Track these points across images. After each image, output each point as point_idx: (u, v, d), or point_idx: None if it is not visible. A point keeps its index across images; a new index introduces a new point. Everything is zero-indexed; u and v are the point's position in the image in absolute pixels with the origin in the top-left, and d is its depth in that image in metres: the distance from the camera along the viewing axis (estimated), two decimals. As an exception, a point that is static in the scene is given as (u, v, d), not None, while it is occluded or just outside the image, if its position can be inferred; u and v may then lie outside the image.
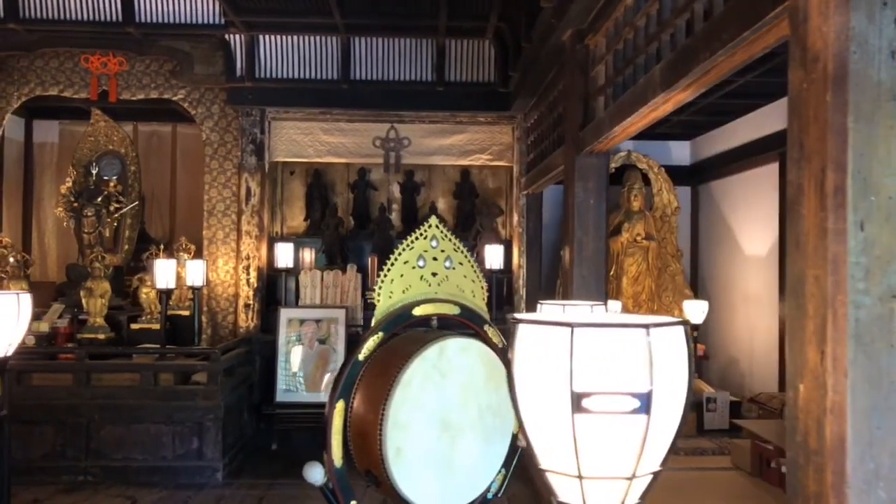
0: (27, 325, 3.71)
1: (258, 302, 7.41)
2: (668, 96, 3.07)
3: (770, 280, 8.00)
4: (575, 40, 4.70)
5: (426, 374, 2.81)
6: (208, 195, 7.67)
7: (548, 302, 3.82)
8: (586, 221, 4.68)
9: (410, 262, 3.06)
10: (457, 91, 7.40)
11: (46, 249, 8.99)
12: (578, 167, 4.67)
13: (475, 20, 6.78)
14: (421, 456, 2.77)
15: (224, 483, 5.91)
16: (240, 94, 7.26)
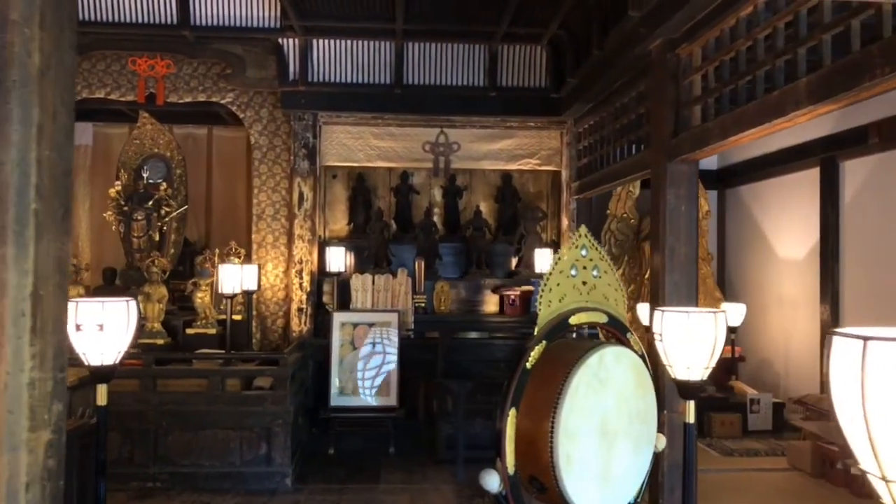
0: (134, 332, 3.71)
1: (311, 306, 7.39)
2: (813, 109, 3.14)
3: (809, 283, 8.14)
4: (665, 49, 4.76)
5: (588, 381, 2.84)
6: (257, 199, 7.64)
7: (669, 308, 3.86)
8: (678, 227, 4.74)
9: (565, 272, 3.10)
10: (508, 96, 7.45)
11: (80, 253, 8.89)
12: (670, 174, 4.73)
13: (533, 27, 6.83)
14: (586, 463, 2.81)
15: (294, 489, 5.90)
16: (293, 99, 7.25)
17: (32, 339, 1.59)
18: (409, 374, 7.17)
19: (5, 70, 1.56)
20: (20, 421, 1.57)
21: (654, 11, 4.69)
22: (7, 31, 1.56)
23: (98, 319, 3.93)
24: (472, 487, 5.99)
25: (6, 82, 1.56)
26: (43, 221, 1.61)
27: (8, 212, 1.56)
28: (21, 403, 1.57)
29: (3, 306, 1.55)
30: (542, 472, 2.86)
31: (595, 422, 2.85)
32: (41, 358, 1.61)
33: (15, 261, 1.56)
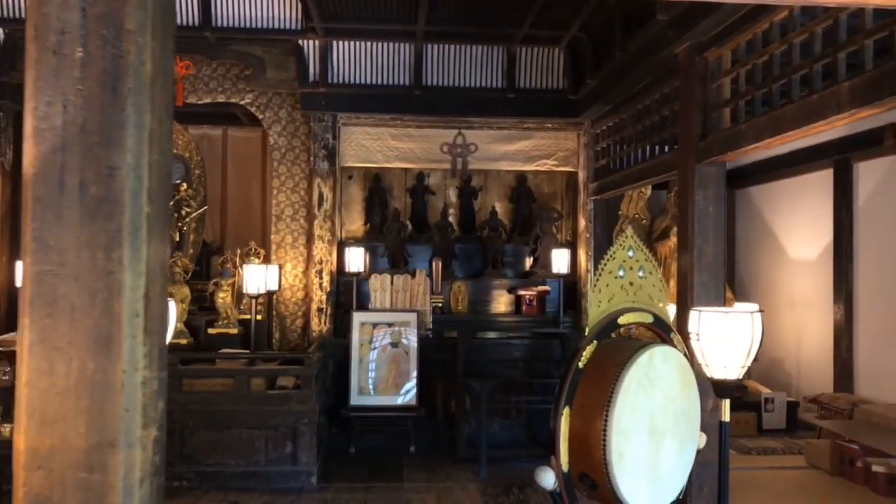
0: (173, 329, 3.75)
1: (331, 306, 7.44)
2: (856, 113, 3.20)
3: (822, 283, 8.21)
4: (692, 52, 4.82)
5: (639, 380, 2.89)
6: (276, 200, 7.68)
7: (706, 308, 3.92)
8: (706, 228, 4.80)
9: (613, 273, 3.15)
10: (526, 98, 7.50)
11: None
12: (698, 175, 4.79)
13: (553, 29, 6.88)
14: (637, 461, 2.87)
15: (320, 487, 5.95)
16: (313, 100, 7.29)
17: (144, 338, 1.64)
18: (428, 373, 7.22)
19: (122, 78, 1.60)
20: (135, 418, 1.62)
21: (682, 15, 4.75)
22: (123, 40, 1.60)
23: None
24: (495, 486, 6.05)
25: (122, 90, 1.61)
26: (153, 225, 1.66)
27: (124, 215, 1.60)
28: (136, 401, 1.62)
29: (119, 306, 1.60)
30: (594, 470, 2.91)
31: (645, 420, 2.90)
32: (150, 357, 1.66)
33: (130, 263, 1.61)
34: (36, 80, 1.60)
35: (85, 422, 1.59)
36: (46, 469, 1.58)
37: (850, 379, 7.64)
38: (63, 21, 1.60)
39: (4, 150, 7.15)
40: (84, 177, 1.60)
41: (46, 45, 1.60)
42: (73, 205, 1.59)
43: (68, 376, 1.59)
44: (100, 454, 1.59)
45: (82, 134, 1.60)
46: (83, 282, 1.59)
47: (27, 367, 1.59)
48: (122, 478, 1.60)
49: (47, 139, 1.60)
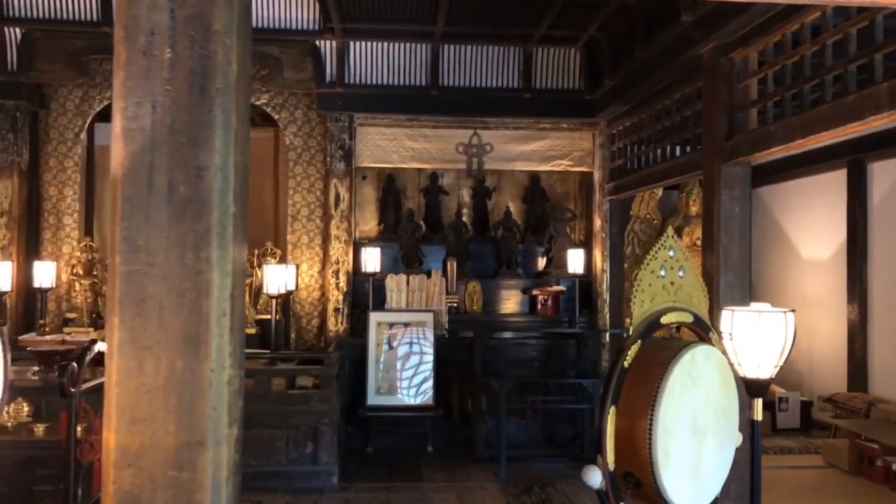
0: None
1: (348, 306, 7.45)
2: (894, 113, 3.22)
3: (835, 283, 8.24)
4: (718, 53, 4.84)
5: (683, 380, 2.91)
6: (292, 200, 7.69)
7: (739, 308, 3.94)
8: (732, 229, 4.83)
9: (655, 272, 3.16)
10: (542, 98, 7.51)
11: (108, 254, 8.91)
12: (724, 175, 4.81)
13: (571, 30, 6.90)
14: (681, 460, 2.88)
15: (341, 487, 5.95)
16: (330, 100, 7.30)
17: (230, 338, 1.65)
18: (443, 373, 7.23)
19: (210, 78, 1.61)
20: (222, 417, 1.63)
21: (708, 16, 4.76)
22: (211, 41, 1.61)
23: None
24: (516, 486, 6.06)
25: (210, 90, 1.62)
26: (237, 225, 1.67)
27: (212, 215, 1.61)
28: (223, 400, 1.63)
29: (207, 306, 1.61)
30: (639, 468, 2.92)
31: (688, 419, 2.92)
32: (234, 356, 1.67)
33: (218, 262, 1.62)
34: (125, 80, 1.61)
35: (174, 420, 1.60)
36: (136, 467, 1.60)
37: (865, 378, 7.66)
38: (152, 22, 1.61)
39: (21, 151, 7.14)
40: (173, 177, 1.61)
41: (136, 46, 1.61)
42: (161, 205, 1.61)
43: (157, 375, 1.60)
44: (189, 453, 1.60)
45: (171, 134, 1.61)
46: (172, 281, 1.60)
47: (117, 366, 1.60)
48: (211, 476, 1.62)
49: (136, 139, 1.61)
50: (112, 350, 1.60)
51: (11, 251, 7.04)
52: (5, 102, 7.07)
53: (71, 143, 7.52)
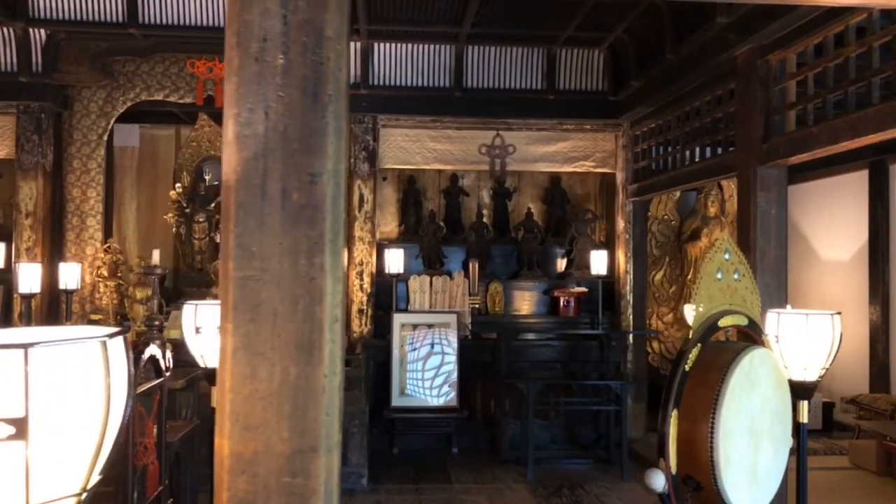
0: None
1: (371, 307, 7.44)
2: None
3: (856, 285, 8.24)
4: (754, 55, 4.84)
5: (741, 382, 2.91)
6: (315, 201, 7.67)
7: (786, 311, 3.94)
8: (768, 230, 4.83)
9: (713, 275, 3.17)
10: (565, 99, 7.52)
11: (128, 254, 8.91)
12: (761, 177, 4.81)
13: (596, 31, 6.90)
14: (740, 463, 2.89)
15: (370, 488, 5.95)
16: (354, 101, 7.29)
17: (340, 344, 1.65)
18: (466, 374, 7.23)
19: (322, 84, 1.61)
20: (333, 423, 1.63)
21: (745, 19, 4.77)
22: (323, 47, 1.61)
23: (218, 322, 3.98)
24: (545, 487, 6.06)
25: (322, 96, 1.62)
26: (344, 231, 1.67)
27: (325, 221, 1.61)
28: (334, 406, 1.63)
29: (321, 312, 1.61)
30: (699, 472, 2.92)
31: (746, 422, 2.92)
32: (342, 362, 1.67)
33: (331, 269, 1.62)
34: (238, 86, 1.61)
35: (288, 427, 1.60)
36: (250, 474, 1.59)
37: (887, 379, 7.67)
38: (265, 28, 1.61)
39: (45, 152, 7.14)
40: (286, 183, 1.61)
41: (249, 52, 1.61)
42: (274, 211, 1.60)
43: (271, 381, 1.60)
44: (302, 459, 1.60)
45: (283, 140, 1.61)
46: (285, 288, 1.60)
47: (231, 372, 1.60)
48: (324, 482, 1.61)
49: (249, 146, 1.61)
50: (226, 356, 1.60)
51: (36, 252, 7.03)
52: (30, 104, 7.07)
53: (94, 144, 7.52)
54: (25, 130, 7.08)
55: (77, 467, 1.36)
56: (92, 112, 7.49)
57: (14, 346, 1.24)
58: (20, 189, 7.08)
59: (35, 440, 1.24)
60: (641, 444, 7.08)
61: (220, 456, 1.60)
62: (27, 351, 1.23)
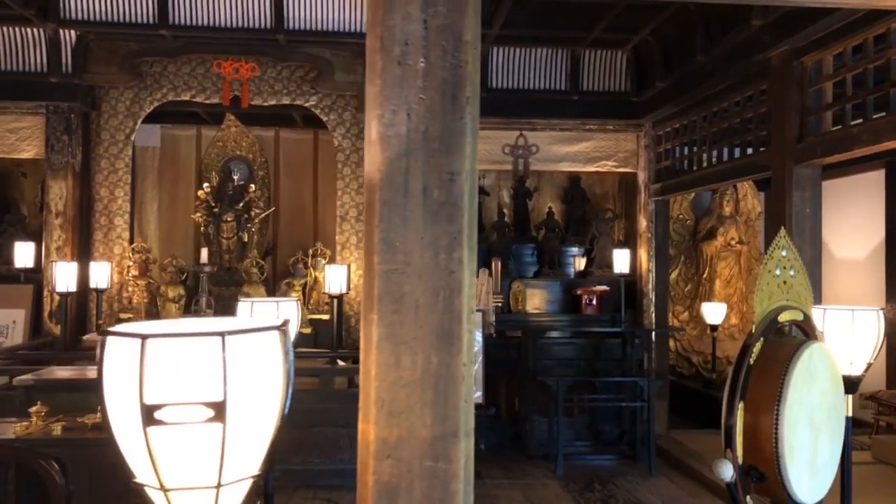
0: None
1: (398, 306, 7.50)
2: None
3: (872, 283, 8.36)
4: (790, 56, 4.94)
5: (802, 375, 3.00)
6: (340, 201, 7.76)
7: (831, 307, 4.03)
8: (803, 229, 4.93)
9: (772, 272, 3.26)
10: (589, 100, 7.61)
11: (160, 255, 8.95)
12: (796, 177, 4.91)
13: (622, 33, 6.99)
14: (802, 454, 2.98)
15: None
16: (381, 102, 7.35)
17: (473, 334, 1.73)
18: (491, 372, 7.29)
19: (460, 87, 1.69)
20: (469, 409, 1.71)
21: (781, 20, 4.86)
22: (462, 50, 1.69)
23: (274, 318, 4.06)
24: (575, 482, 6.15)
25: (460, 98, 1.69)
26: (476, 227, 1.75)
27: (463, 217, 1.69)
28: (471, 393, 1.71)
29: (459, 303, 1.69)
30: (763, 463, 3.01)
31: (806, 414, 3.01)
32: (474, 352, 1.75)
33: (468, 262, 1.70)
34: (382, 89, 1.69)
35: (430, 413, 1.67)
36: (395, 458, 1.67)
37: (905, 376, 7.80)
38: (406, 33, 1.69)
39: (75, 152, 7.19)
40: (427, 181, 1.68)
41: (391, 56, 1.69)
42: (416, 208, 1.68)
43: (413, 369, 1.67)
44: (444, 444, 1.68)
45: (425, 141, 1.68)
46: (427, 280, 1.68)
47: (376, 360, 1.67)
48: (463, 466, 1.70)
49: (393, 145, 1.68)
50: (370, 345, 1.68)
51: (66, 252, 7.08)
52: (60, 104, 7.12)
53: (122, 144, 7.57)
54: (55, 131, 7.14)
55: (258, 450, 1.44)
56: (119, 112, 7.54)
57: (212, 333, 1.31)
58: (50, 189, 7.13)
59: (231, 423, 1.32)
60: (665, 441, 7.17)
61: (365, 441, 1.68)
62: (224, 338, 1.31)
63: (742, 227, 9.83)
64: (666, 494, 5.87)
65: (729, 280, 9.57)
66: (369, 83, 1.71)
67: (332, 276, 6.32)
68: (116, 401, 1.33)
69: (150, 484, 1.35)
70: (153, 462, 1.30)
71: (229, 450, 1.33)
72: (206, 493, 1.35)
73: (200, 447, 1.31)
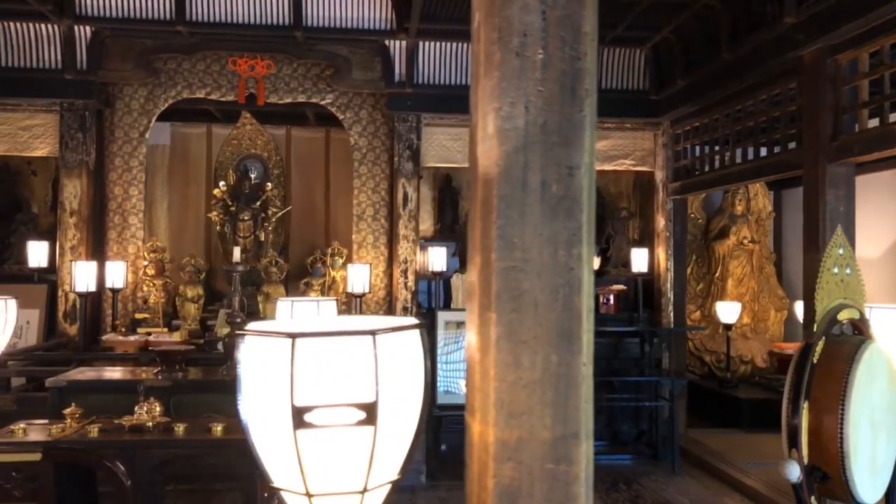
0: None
1: (416, 305, 7.47)
2: None
3: (886, 282, 8.37)
4: (823, 54, 4.92)
5: (864, 375, 2.99)
6: (357, 200, 7.70)
7: (877, 305, 4.02)
8: (836, 227, 4.90)
9: (831, 270, 3.25)
10: (607, 98, 7.55)
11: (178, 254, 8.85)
12: (830, 175, 4.90)
13: (642, 31, 6.97)
14: (864, 453, 2.96)
15: (429, 485, 5.99)
16: (399, 100, 7.32)
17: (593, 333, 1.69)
18: (510, 371, 7.26)
19: (579, 80, 1.65)
20: (590, 410, 1.66)
21: (816, 18, 4.84)
22: (581, 42, 1.65)
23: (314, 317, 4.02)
24: (602, 482, 6.12)
25: (579, 91, 1.65)
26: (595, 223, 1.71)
27: (582, 213, 1.65)
28: (590, 394, 1.67)
29: (579, 302, 1.64)
30: (827, 462, 2.99)
31: (868, 414, 2.99)
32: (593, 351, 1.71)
33: (587, 259, 1.65)
34: (500, 81, 1.64)
35: (550, 414, 1.63)
36: (515, 461, 1.62)
37: (920, 375, 7.80)
38: (525, 24, 1.64)
39: (89, 150, 7.10)
40: (545, 175, 1.64)
41: (510, 47, 1.64)
42: (535, 203, 1.63)
43: (533, 369, 1.63)
44: (565, 446, 1.64)
45: (543, 134, 1.64)
46: (545, 278, 1.63)
47: (495, 360, 1.63)
48: (584, 468, 1.65)
49: (511, 139, 1.63)
50: (488, 345, 1.63)
51: (81, 251, 6.99)
52: (74, 101, 7.03)
53: (136, 142, 7.49)
54: (69, 128, 7.04)
55: (401, 453, 1.39)
56: (133, 110, 7.46)
57: (363, 332, 1.27)
58: (64, 187, 7.04)
59: (381, 425, 1.27)
60: (685, 440, 7.16)
61: (484, 443, 1.63)
62: (375, 337, 1.26)
63: (753, 225, 9.83)
64: (693, 493, 5.85)
65: (741, 279, 9.57)
66: (485, 76, 1.66)
67: (355, 276, 6.26)
68: (260, 402, 1.28)
69: (292, 489, 1.30)
70: (301, 466, 1.25)
71: (378, 452, 1.28)
72: (352, 499, 1.31)
73: (349, 450, 1.27)
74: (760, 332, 9.72)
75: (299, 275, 7.84)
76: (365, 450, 1.27)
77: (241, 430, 3.72)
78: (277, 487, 1.33)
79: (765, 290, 9.88)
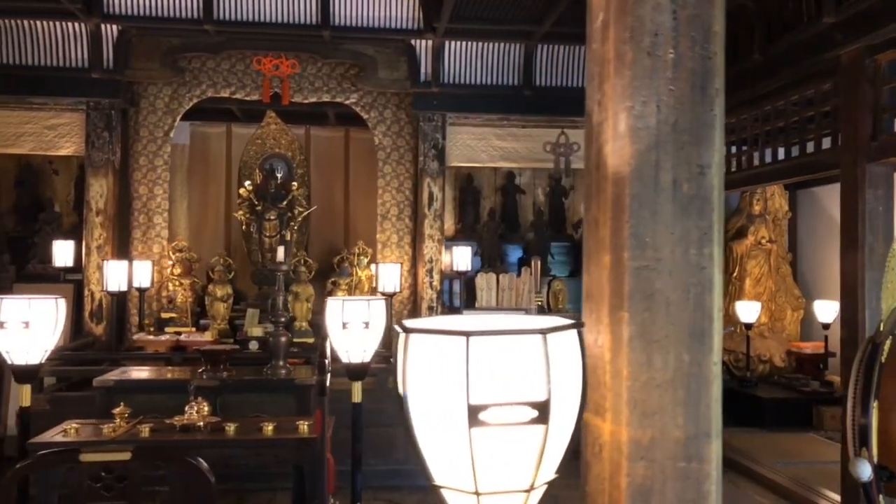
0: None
1: (441, 304, 7.47)
2: None
3: (906, 281, 8.36)
4: (862, 55, 4.93)
5: (930, 374, 2.99)
6: (381, 199, 7.69)
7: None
8: (876, 227, 4.92)
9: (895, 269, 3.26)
10: (631, 98, 7.60)
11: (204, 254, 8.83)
12: (869, 175, 4.91)
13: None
14: (928, 451, 2.96)
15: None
16: (424, 100, 7.31)
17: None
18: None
19: (710, 78, 1.65)
20: (719, 409, 1.67)
21: (856, 18, 4.85)
22: (711, 42, 1.65)
23: (365, 317, 4.03)
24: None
25: (709, 90, 1.66)
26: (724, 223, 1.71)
27: (713, 212, 1.65)
28: (720, 392, 1.67)
29: (710, 301, 1.65)
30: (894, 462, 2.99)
31: (933, 412, 3.00)
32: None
33: (718, 259, 1.66)
34: (632, 80, 1.65)
35: (682, 413, 1.64)
36: (648, 459, 1.63)
37: (942, 374, 7.82)
38: (656, 24, 1.65)
39: (115, 149, 7.08)
40: (676, 174, 1.64)
41: (641, 47, 1.65)
42: (666, 202, 1.64)
43: (665, 369, 1.64)
44: (697, 444, 1.64)
45: (674, 133, 1.65)
46: (677, 277, 1.64)
47: (627, 359, 1.63)
48: (716, 466, 1.66)
49: (642, 138, 1.64)
50: (620, 344, 1.64)
51: (107, 250, 6.97)
52: (101, 100, 7.01)
53: (161, 141, 7.47)
54: (96, 127, 7.02)
55: (561, 451, 1.39)
56: (158, 109, 7.44)
57: (533, 331, 1.26)
58: (90, 186, 7.01)
59: (552, 423, 1.27)
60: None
61: (616, 442, 1.64)
62: (545, 336, 1.26)
63: (770, 225, 9.85)
64: (724, 492, 5.84)
65: (759, 279, 9.58)
66: (616, 75, 1.67)
67: (385, 275, 6.26)
68: (431, 401, 1.27)
69: (459, 487, 1.30)
70: (473, 465, 1.25)
71: (547, 451, 1.28)
72: (517, 497, 1.31)
73: (520, 449, 1.26)
74: (777, 331, 9.74)
75: (326, 274, 7.83)
76: (535, 448, 1.26)
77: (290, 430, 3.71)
78: (440, 485, 1.33)
79: (781, 290, 9.90)
